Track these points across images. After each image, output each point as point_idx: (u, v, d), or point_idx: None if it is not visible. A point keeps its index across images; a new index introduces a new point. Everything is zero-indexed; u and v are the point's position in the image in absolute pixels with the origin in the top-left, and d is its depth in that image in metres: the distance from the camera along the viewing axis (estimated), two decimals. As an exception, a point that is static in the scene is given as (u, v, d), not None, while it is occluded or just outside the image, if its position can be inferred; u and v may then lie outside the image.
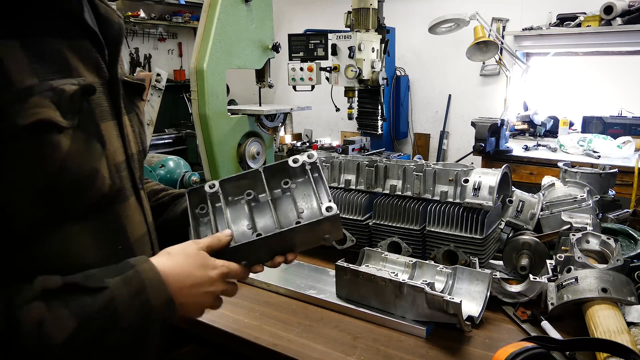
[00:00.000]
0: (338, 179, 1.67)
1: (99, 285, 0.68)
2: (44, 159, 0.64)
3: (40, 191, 0.65)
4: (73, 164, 0.67)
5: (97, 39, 0.76)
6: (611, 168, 1.78)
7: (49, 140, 0.64)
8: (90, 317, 0.65)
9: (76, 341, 0.64)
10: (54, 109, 0.64)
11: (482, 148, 3.65)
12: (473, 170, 1.44)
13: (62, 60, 0.69)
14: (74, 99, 0.67)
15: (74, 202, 0.70)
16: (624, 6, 3.83)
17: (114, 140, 0.78)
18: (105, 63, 0.77)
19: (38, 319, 0.62)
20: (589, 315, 1.08)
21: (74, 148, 0.67)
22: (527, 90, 4.78)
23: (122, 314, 0.68)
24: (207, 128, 2.74)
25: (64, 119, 0.66)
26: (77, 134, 0.68)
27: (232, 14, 2.76)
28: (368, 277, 1.22)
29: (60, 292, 0.65)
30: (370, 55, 3.03)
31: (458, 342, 1.11)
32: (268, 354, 1.10)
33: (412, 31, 5.11)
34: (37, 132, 0.63)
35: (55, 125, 0.64)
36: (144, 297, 0.71)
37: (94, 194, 0.72)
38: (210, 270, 0.83)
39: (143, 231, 0.86)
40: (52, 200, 0.67)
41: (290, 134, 5.68)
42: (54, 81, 0.66)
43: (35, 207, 0.66)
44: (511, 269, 1.42)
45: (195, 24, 6.20)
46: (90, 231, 0.73)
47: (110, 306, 0.67)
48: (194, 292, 0.80)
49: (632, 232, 1.49)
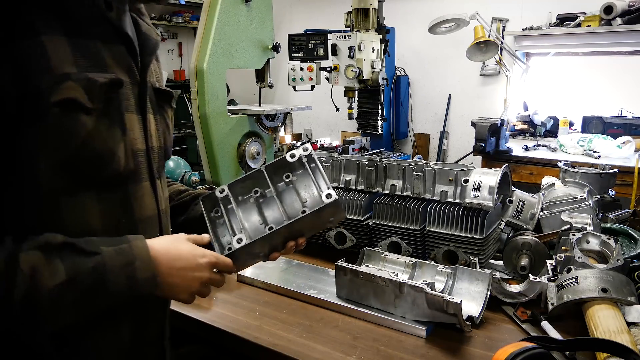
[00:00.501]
0: (338, 179, 1.67)
1: (94, 250, 0.78)
2: (69, 133, 0.76)
3: (65, 161, 0.77)
4: (94, 143, 0.79)
5: (132, 47, 0.90)
6: (611, 168, 1.78)
7: (75, 117, 0.76)
8: (80, 274, 0.75)
9: (64, 293, 0.73)
10: (83, 93, 0.77)
11: (482, 148, 3.65)
12: (473, 170, 1.44)
13: (100, 58, 0.83)
14: (102, 88, 0.80)
15: (93, 175, 0.81)
16: (624, 6, 3.83)
17: (136, 131, 0.90)
18: (137, 68, 0.91)
19: (33, 265, 0.71)
20: (589, 315, 1.08)
21: (96, 129, 0.79)
22: (527, 90, 4.77)
23: (110, 280, 0.77)
24: (207, 128, 2.74)
25: (91, 102, 0.78)
26: (101, 119, 0.80)
27: (232, 14, 2.76)
28: (368, 277, 1.22)
29: (59, 248, 0.75)
30: (370, 55, 3.03)
31: (458, 342, 1.11)
32: (268, 354, 1.10)
33: (412, 31, 5.11)
34: (66, 109, 0.75)
35: (81, 106, 0.77)
36: (132, 270, 0.80)
37: (110, 171, 0.83)
38: (200, 257, 0.92)
39: (152, 213, 0.95)
40: (73, 170, 0.78)
41: (290, 134, 5.68)
42: (90, 73, 0.79)
43: (59, 174, 0.77)
44: (511, 269, 1.42)
45: (195, 24, 6.20)
46: (101, 201, 0.83)
47: (100, 270, 0.77)
48: (182, 275, 0.89)
49: (632, 232, 1.49)
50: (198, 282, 0.91)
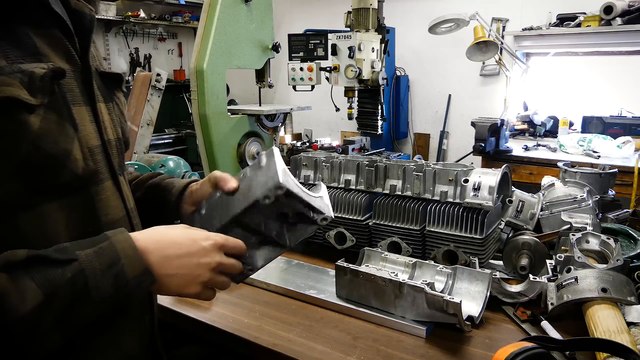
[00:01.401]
0: (338, 179, 1.67)
1: (68, 257, 0.67)
2: (14, 136, 0.66)
3: (15, 168, 0.66)
4: (46, 144, 0.69)
5: (67, 29, 0.77)
6: (611, 168, 1.78)
7: (18, 119, 0.66)
8: (57, 289, 0.64)
9: (43, 313, 0.63)
10: (21, 88, 0.66)
11: (482, 148, 3.65)
12: (473, 170, 1.44)
13: (32, 46, 0.71)
14: (43, 80, 0.69)
15: (49, 181, 0.71)
16: (624, 6, 3.83)
17: (87, 125, 0.79)
18: (76, 51, 0.79)
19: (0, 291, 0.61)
20: (588, 315, 1.08)
21: (45, 128, 0.69)
22: (527, 90, 4.77)
23: (93, 287, 0.67)
24: (207, 128, 2.75)
25: (34, 98, 0.67)
26: (48, 115, 0.70)
27: (232, 14, 2.76)
28: (368, 277, 1.22)
29: (25, 264, 0.64)
30: (370, 55, 3.03)
31: (458, 342, 1.11)
32: (268, 354, 1.10)
33: (412, 31, 5.11)
34: (6, 110, 0.65)
35: (24, 104, 0.66)
36: (119, 269, 0.69)
37: (67, 174, 0.73)
38: (202, 240, 0.79)
39: (120, 215, 0.85)
40: (27, 177, 0.68)
41: (290, 134, 5.68)
42: (23, 64, 0.68)
43: (11, 186, 0.67)
44: (511, 269, 1.42)
45: (195, 24, 6.20)
46: (65, 210, 0.74)
47: (80, 278, 0.66)
48: (183, 263, 0.76)
49: (632, 232, 1.49)
50: (206, 268, 0.78)
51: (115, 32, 5.96)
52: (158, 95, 3.67)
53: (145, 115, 3.63)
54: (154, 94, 3.65)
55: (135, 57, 6.13)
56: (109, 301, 0.69)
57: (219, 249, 0.81)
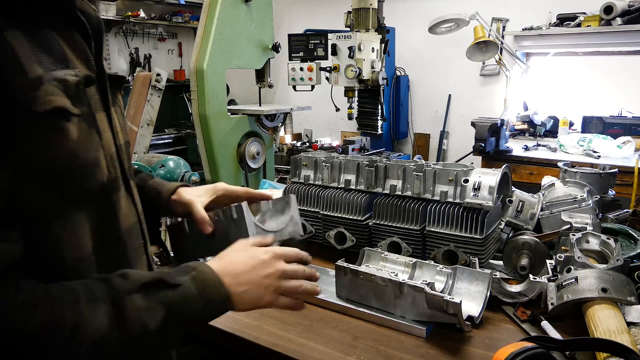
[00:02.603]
0: (338, 179, 1.67)
1: (176, 282, 0.75)
2: (56, 147, 0.65)
3: (55, 179, 0.67)
4: (82, 153, 0.69)
5: (86, 31, 0.75)
6: (611, 168, 1.78)
7: (61, 129, 0.66)
8: (173, 306, 0.73)
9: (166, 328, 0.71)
10: (65, 97, 0.66)
11: (482, 148, 3.65)
12: (473, 170, 1.44)
13: (61, 52, 0.69)
14: (78, 88, 0.69)
15: (80, 190, 0.71)
16: (624, 6, 3.83)
17: (107, 131, 0.79)
18: (92, 55, 0.77)
19: (137, 308, 0.69)
20: (589, 315, 1.08)
21: (81, 137, 0.69)
22: (527, 90, 4.77)
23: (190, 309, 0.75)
24: (207, 128, 2.75)
25: (76, 107, 0.68)
26: (81, 124, 0.70)
27: (232, 14, 2.76)
28: (368, 277, 1.22)
29: (151, 285, 0.72)
30: (370, 55, 3.03)
31: (458, 342, 1.11)
32: (268, 354, 1.10)
33: (412, 31, 5.11)
34: (53, 120, 0.64)
35: (68, 113, 0.66)
36: (208, 296, 0.77)
37: (95, 182, 0.74)
38: (262, 254, 0.87)
39: (134, 220, 0.87)
40: (63, 187, 0.68)
41: (290, 134, 5.68)
42: (55, 71, 0.66)
43: (50, 193, 0.67)
44: (511, 269, 1.42)
45: (195, 24, 6.20)
46: (91, 219, 0.75)
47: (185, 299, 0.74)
48: (250, 278, 0.83)
49: (632, 232, 1.49)
50: (274, 277, 0.85)
51: (115, 32, 5.96)
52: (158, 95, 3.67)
53: (145, 115, 3.62)
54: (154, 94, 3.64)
55: (135, 57, 6.13)
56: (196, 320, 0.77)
57: (278, 258, 0.88)
